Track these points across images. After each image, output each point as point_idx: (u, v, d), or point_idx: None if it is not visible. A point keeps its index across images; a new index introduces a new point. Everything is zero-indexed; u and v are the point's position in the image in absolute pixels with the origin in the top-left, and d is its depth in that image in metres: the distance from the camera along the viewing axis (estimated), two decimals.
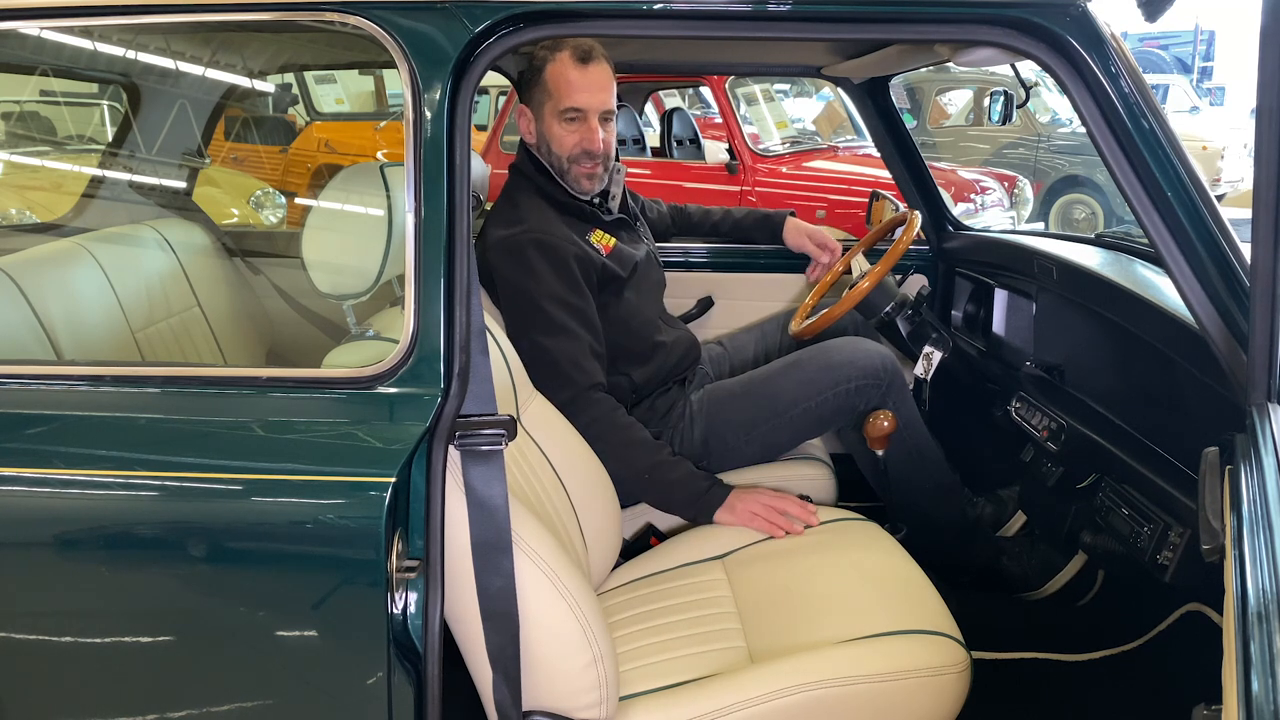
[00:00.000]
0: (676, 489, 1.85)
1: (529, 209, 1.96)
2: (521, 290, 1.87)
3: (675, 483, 1.84)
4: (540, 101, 1.98)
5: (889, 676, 1.42)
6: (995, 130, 9.07)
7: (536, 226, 1.91)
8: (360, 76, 8.34)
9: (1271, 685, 0.77)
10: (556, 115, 1.96)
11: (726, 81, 5.63)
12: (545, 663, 1.35)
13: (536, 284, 1.86)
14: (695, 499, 1.84)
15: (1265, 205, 1.05)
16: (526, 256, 1.88)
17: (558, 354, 1.84)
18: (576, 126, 1.96)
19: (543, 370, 1.83)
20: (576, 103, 1.95)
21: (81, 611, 1.33)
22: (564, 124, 1.96)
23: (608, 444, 1.82)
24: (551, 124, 1.97)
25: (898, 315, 2.27)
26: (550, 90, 1.96)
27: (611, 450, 1.83)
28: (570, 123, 1.96)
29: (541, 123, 1.99)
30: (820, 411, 2.05)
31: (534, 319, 1.86)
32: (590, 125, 1.97)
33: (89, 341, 2.10)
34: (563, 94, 1.95)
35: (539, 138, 2.00)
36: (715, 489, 1.84)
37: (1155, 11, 1.29)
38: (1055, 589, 2.17)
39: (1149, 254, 2.05)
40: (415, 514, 1.29)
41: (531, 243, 1.88)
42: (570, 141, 1.97)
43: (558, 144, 1.98)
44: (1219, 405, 1.36)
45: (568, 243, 1.92)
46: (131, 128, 2.62)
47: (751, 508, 1.81)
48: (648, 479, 1.85)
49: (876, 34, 1.39)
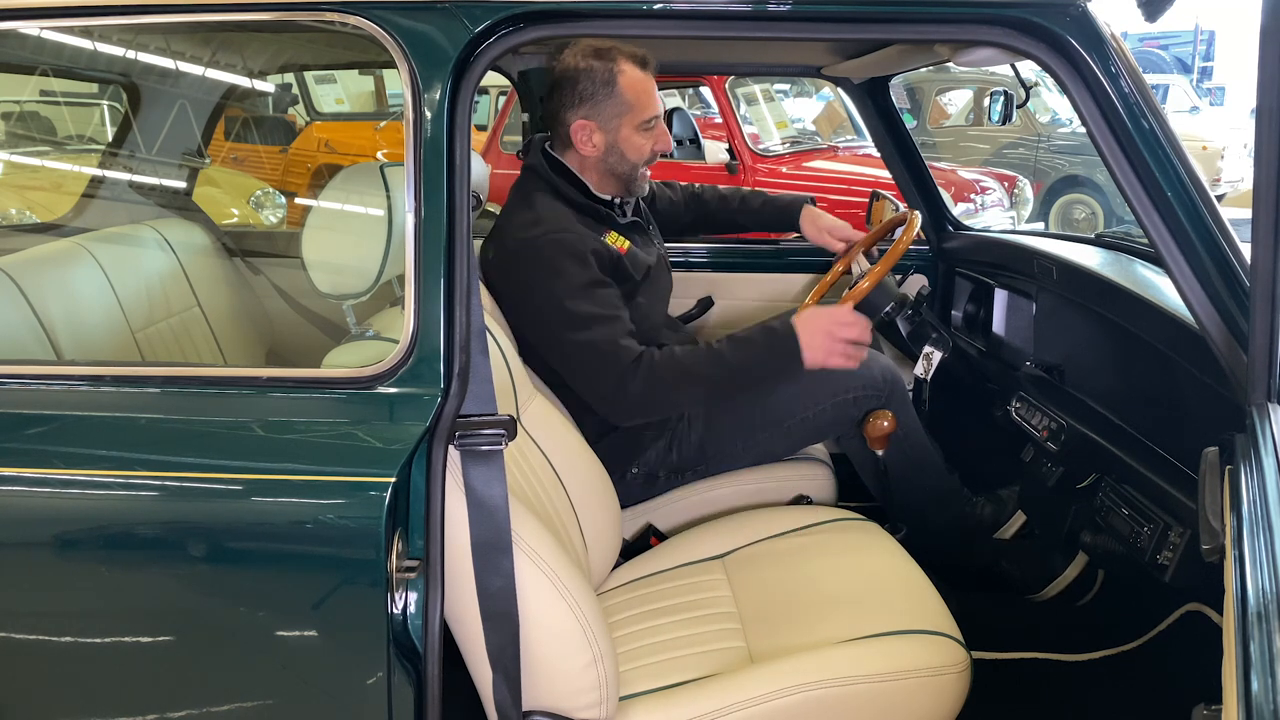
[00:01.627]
0: (757, 371, 1.83)
1: (545, 210, 1.94)
2: (548, 291, 1.84)
3: (753, 365, 1.82)
4: (615, 114, 1.94)
5: (889, 676, 1.42)
6: (995, 130, 9.06)
7: (554, 226, 1.89)
8: (360, 76, 8.34)
9: (1271, 685, 0.77)
10: (637, 125, 1.95)
11: (726, 81, 5.63)
12: (545, 663, 1.35)
13: (563, 282, 1.83)
14: (781, 368, 1.82)
15: (1265, 205, 1.05)
16: (548, 257, 1.85)
17: (597, 342, 1.81)
18: (655, 133, 1.98)
19: (585, 364, 1.81)
20: (658, 110, 1.97)
21: (82, 612, 1.33)
22: (644, 132, 1.96)
23: (675, 388, 1.81)
24: (631, 135, 1.95)
25: (898, 315, 2.26)
26: (631, 102, 1.93)
27: (685, 391, 1.82)
28: (650, 130, 1.97)
29: (616, 134, 1.95)
30: (818, 422, 2.05)
31: (566, 317, 1.82)
32: (662, 127, 1.99)
33: (89, 341, 2.10)
34: (645, 104, 1.94)
35: (608, 149, 1.96)
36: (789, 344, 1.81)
37: (1155, 11, 1.29)
38: (1055, 592, 2.17)
39: (1149, 254, 2.05)
40: (415, 514, 1.29)
41: (551, 243, 1.86)
42: (648, 148, 1.98)
43: (635, 152, 1.97)
44: (1219, 405, 1.36)
45: (586, 237, 1.91)
46: (131, 128, 2.62)
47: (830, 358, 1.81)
48: (730, 381, 1.83)
49: (876, 34, 1.39)
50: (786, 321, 1.84)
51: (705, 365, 1.82)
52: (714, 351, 1.83)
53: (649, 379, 1.78)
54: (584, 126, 1.94)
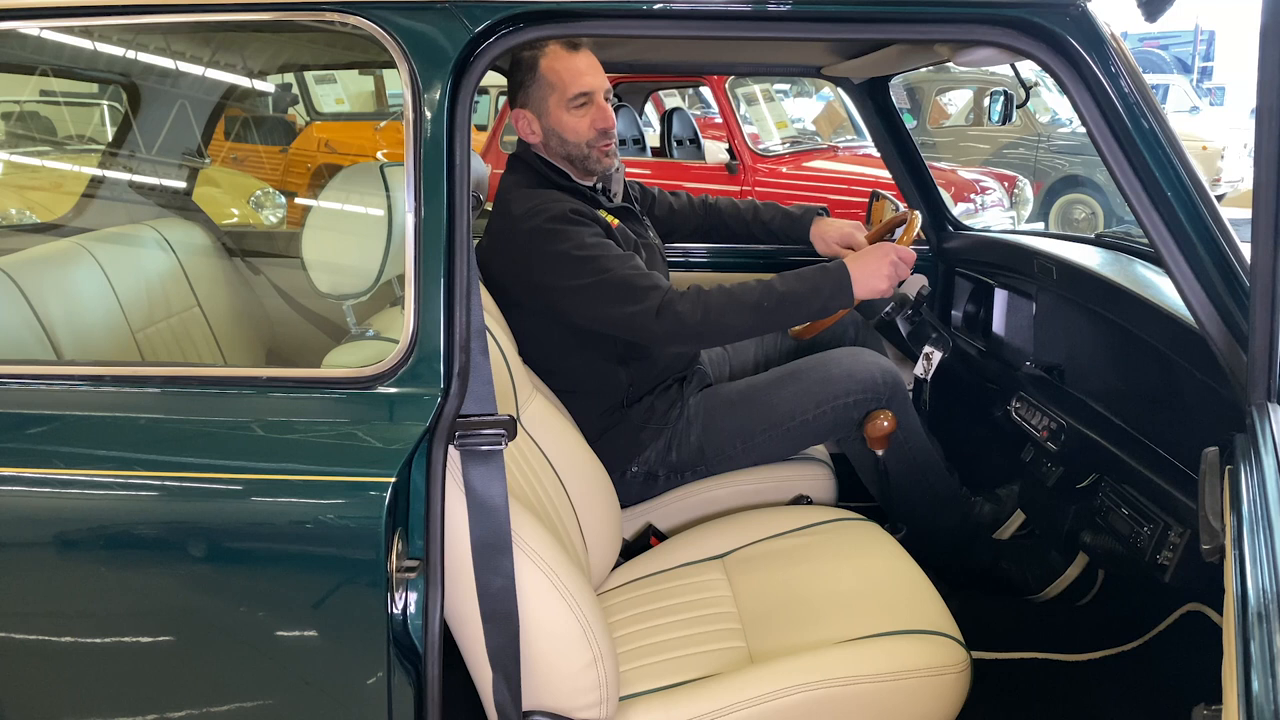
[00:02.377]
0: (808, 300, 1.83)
1: (540, 192, 1.95)
2: (562, 255, 1.84)
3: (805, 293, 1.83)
4: (542, 98, 1.96)
5: (889, 676, 1.42)
6: (995, 130, 9.06)
7: (551, 200, 1.91)
8: (360, 76, 8.34)
9: (1271, 685, 0.78)
10: (565, 105, 1.95)
11: (726, 81, 5.63)
12: (545, 663, 1.35)
13: (573, 241, 1.84)
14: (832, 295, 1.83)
15: (1265, 205, 1.05)
16: (552, 228, 1.86)
17: (629, 276, 1.82)
18: (587, 110, 1.97)
19: (619, 298, 1.81)
20: (584, 86, 1.95)
21: (82, 611, 1.33)
22: (574, 111, 1.96)
23: (723, 313, 1.80)
24: (561, 115, 1.96)
25: (898, 315, 2.26)
26: (552, 83, 1.95)
27: (732, 316, 1.81)
28: (581, 108, 1.96)
29: (547, 118, 1.97)
30: (818, 425, 2.05)
31: (584, 266, 1.83)
32: (600, 104, 1.98)
33: (89, 341, 2.10)
34: (568, 82, 1.95)
35: (546, 134, 1.99)
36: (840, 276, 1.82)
37: (1155, 11, 1.29)
38: (1055, 592, 2.17)
39: (1149, 254, 2.05)
40: (415, 514, 1.29)
41: (552, 216, 1.87)
42: (584, 126, 1.97)
43: (572, 133, 1.97)
44: (1219, 405, 1.36)
45: (581, 207, 1.92)
46: (131, 128, 2.62)
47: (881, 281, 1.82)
48: (779, 307, 1.83)
49: (876, 34, 1.39)
50: (838, 260, 1.87)
51: (754, 292, 1.82)
52: (764, 282, 1.84)
53: (695, 302, 1.79)
54: (521, 115, 1.99)
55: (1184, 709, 1.06)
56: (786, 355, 2.39)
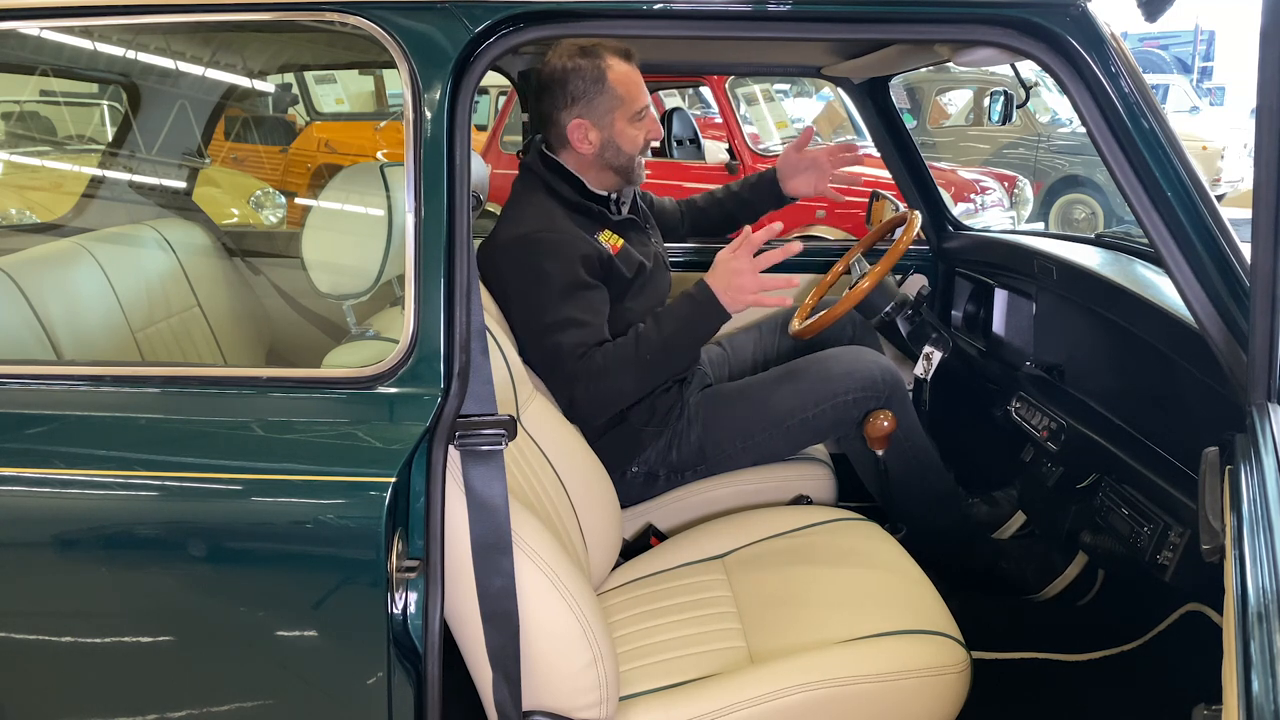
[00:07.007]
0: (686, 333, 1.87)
1: (536, 209, 1.96)
2: (526, 292, 1.88)
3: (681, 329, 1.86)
4: (607, 109, 1.96)
5: (889, 676, 1.42)
6: (995, 130, 9.06)
7: (542, 225, 1.91)
8: (360, 76, 8.34)
9: (1271, 685, 0.78)
10: (630, 118, 1.98)
11: (726, 81, 5.63)
12: (545, 663, 1.35)
13: (542, 285, 1.86)
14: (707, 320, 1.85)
15: (1265, 205, 1.05)
16: (531, 256, 1.87)
17: (563, 347, 1.84)
18: (646, 122, 2.01)
19: (551, 369, 1.86)
20: (647, 100, 2.00)
21: (82, 612, 1.33)
22: (637, 124, 1.99)
23: (617, 378, 1.84)
24: (625, 127, 1.98)
25: (898, 315, 2.27)
26: (621, 96, 1.96)
27: (625, 378, 1.85)
28: (641, 121, 2.00)
29: (610, 130, 1.97)
30: (817, 423, 2.05)
31: (540, 319, 1.86)
32: (651, 116, 2.03)
33: (89, 341, 2.10)
34: (635, 96, 1.98)
35: (604, 145, 1.98)
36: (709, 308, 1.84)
37: (1155, 11, 1.29)
38: (1055, 592, 2.17)
39: (1149, 254, 2.05)
40: (415, 514, 1.29)
41: (537, 242, 1.88)
42: (641, 138, 2.01)
43: (630, 144, 1.99)
44: (1219, 405, 1.36)
45: (574, 238, 1.92)
46: (131, 128, 2.62)
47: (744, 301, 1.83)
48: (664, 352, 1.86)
49: (876, 34, 1.39)
50: (700, 281, 1.88)
51: (635, 348, 1.86)
52: (640, 333, 1.87)
53: (590, 377, 1.83)
54: (580, 125, 1.97)
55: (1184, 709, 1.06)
56: (786, 354, 2.39)
